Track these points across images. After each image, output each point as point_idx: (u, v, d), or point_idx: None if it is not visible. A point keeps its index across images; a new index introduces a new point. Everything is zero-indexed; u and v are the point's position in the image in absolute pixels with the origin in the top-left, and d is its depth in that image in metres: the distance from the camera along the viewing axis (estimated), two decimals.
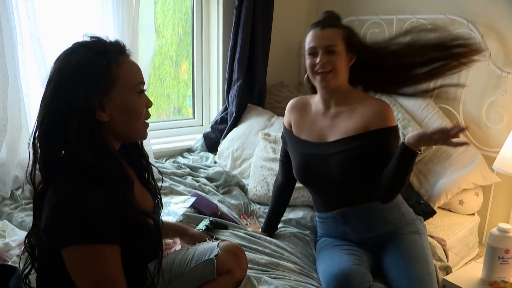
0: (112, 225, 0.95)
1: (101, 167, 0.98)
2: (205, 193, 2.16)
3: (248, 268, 1.45)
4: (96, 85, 0.99)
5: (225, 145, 2.61)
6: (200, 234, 1.55)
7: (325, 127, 1.62)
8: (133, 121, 1.06)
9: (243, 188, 2.28)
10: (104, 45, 1.03)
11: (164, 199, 1.32)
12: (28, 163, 1.03)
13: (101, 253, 0.93)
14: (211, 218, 1.81)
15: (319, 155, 1.60)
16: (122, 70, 1.02)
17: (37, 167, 1.02)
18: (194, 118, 3.00)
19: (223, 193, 2.22)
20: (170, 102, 2.98)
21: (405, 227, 1.59)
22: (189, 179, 2.30)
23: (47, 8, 2.10)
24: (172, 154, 2.74)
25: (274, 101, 2.87)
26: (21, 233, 1.66)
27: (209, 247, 1.36)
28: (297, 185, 1.89)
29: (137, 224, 1.01)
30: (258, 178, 2.20)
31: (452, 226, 2.04)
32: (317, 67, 1.53)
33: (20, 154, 2.07)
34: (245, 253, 1.45)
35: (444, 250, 1.84)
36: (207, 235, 1.69)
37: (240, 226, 1.84)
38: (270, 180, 2.13)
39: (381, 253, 1.58)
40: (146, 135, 1.11)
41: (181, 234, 1.52)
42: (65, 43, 2.30)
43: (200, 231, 1.71)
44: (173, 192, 2.10)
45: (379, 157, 1.50)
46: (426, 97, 1.66)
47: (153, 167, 1.24)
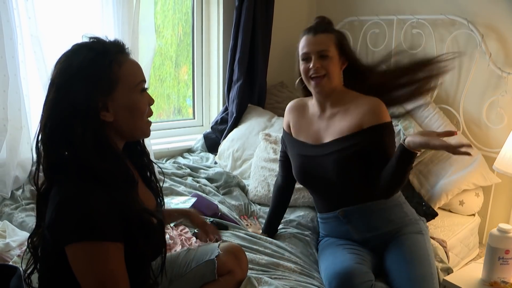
0: (115, 223, 0.95)
1: (106, 168, 0.98)
2: (206, 193, 2.16)
3: (249, 268, 1.45)
4: (99, 86, 0.99)
5: (225, 145, 2.61)
6: (202, 220, 1.53)
7: (321, 129, 1.65)
8: (136, 119, 1.06)
9: (243, 189, 2.28)
10: (104, 45, 1.03)
11: (164, 200, 1.32)
12: (32, 165, 1.03)
13: (104, 250, 0.93)
14: (212, 219, 1.81)
15: (316, 156, 1.62)
16: (123, 70, 1.02)
17: (40, 169, 1.02)
18: (194, 119, 3.00)
19: (224, 194, 2.22)
20: (170, 103, 2.98)
21: (407, 227, 1.59)
22: (190, 180, 2.30)
23: (47, 9, 2.10)
24: (172, 155, 2.74)
25: (275, 101, 2.86)
26: (22, 234, 1.66)
27: (209, 248, 1.36)
28: (297, 186, 1.89)
29: (142, 223, 1.01)
30: (259, 178, 2.20)
31: (453, 226, 2.04)
32: (311, 72, 1.56)
33: (20, 154, 2.06)
34: (246, 253, 1.46)
35: (445, 252, 1.84)
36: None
37: (240, 227, 1.84)
38: (270, 180, 2.13)
39: (384, 253, 1.59)
40: (149, 132, 1.11)
41: (184, 216, 1.52)
42: (65, 44, 2.29)
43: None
44: (173, 193, 2.10)
45: (375, 154, 1.51)
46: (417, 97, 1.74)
47: (154, 165, 1.24)
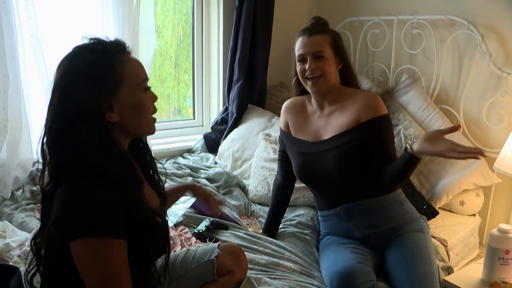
0: (120, 220, 0.95)
1: (112, 169, 0.98)
2: None
3: (249, 268, 1.45)
4: (103, 88, 0.99)
5: (225, 145, 2.61)
6: (205, 192, 1.51)
7: (320, 126, 1.66)
8: (141, 117, 1.07)
9: (243, 189, 2.28)
10: (105, 45, 1.03)
11: None
12: (32, 165, 1.03)
13: (108, 247, 0.93)
14: (212, 219, 1.81)
15: (316, 153, 1.63)
16: (126, 69, 1.02)
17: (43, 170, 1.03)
18: (194, 119, 3.00)
19: (224, 194, 2.22)
20: (171, 103, 2.98)
21: (408, 225, 1.60)
22: (190, 180, 2.30)
23: (47, 9, 2.10)
24: (172, 155, 2.74)
25: (275, 101, 2.86)
26: (22, 234, 1.66)
27: (209, 248, 1.36)
28: (297, 185, 1.90)
29: (147, 222, 1.02)
30: (259, 178, 2.20)
31: (453, 226, 2.04)
32: (307, 73, 1.59)
33: (21, 154, 2.06)
34: (246, 253, 1.46)
35: (446, 251, 1.85)
36: (208, 235, 1.69)
37: (240, 227, 1.84)
38: (270, 180, 2.12)
39: (385, 251, 1.59)
40: (155, 129, 1.12)
41: (188, 190, 1.52)
42: (65, 44, 2.29)
43: (200, 231, 1.72)
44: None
45: (375, 147, 1.54)
46: None
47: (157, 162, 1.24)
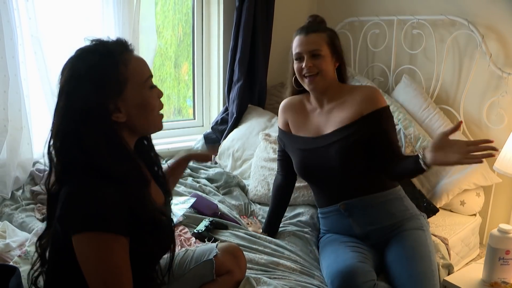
0: (122, 218, 0.95)
1: (119, 170, 0.99)
2: (206, 193, 2.16)
3: (248, 268, 1.45)
4: (108, 89, 0.99)
5: (225, 145, 2.61)
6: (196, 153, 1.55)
7: (321, 122, 1.67)
8: (149, 115, 1.07)
9: (243, 189, 2.28)
10: (107, 46, 1.03)
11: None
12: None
13: (108, 242, 0.94)
14: (211, 219, 1.81)
15: (318, 148, 1.63)
16: (130, 69, 1.02)
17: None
18: (194, 119, 3.00)
19: (224, 194, 2.22)
20: (171, 103, 2.97)
21: (408, 222, 1.60)
22: (190, 180, 2.30)
23: (47, 9, 2.10)
24: (172, 155, 2.72)
25: (275, 101, 2.86)
26: (22, 234, 1.66)
27: (208, 248, 1.36)
28: (297, 184, 1.90)
29: (153, 222, 1.03)
30: (259, 178, 2.20)
31: (454, 226, 2.04)
32: (304, 71, 1.60)
33: (21, 155, 2.07)
34: (245, 253, 1.46)
35: (447, 249, 1.85)
36: (207, 235, 1.69)
37: (240, 226, 1.84)
38: (270, 180, 2.12)
39: (385, 249, 1.59)
40: (162, 125, 1.12)
41: (186, 161, 1.56)
42: (65, 44, 2.29)
43: (200, 231, 1.71)
44: (173, 193, 2.10)
45: (377, 140, 1.55)
46: None
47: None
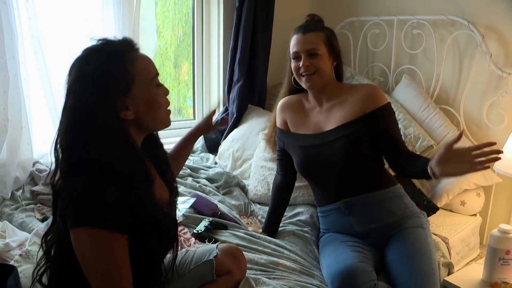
0: (121, 216, 0.96)
1: (125, 169, 0.99)
2: (206, 193, 2.16)
3: (248, 268, 1.45)
4: (116, 88, 1.00)
5: (225, 145, 2.61)
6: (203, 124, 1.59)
7: (321, 120, 1.67)
8: (156, 111, 1.09)
9: (243, 189, 2.28)
10: (114, 46, 1.04)
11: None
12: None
13: (105, 238, 0.94)
14: (211, 219, 1.81)
15: (321, 144, 1.63)
16: (137, 67, 1.04)
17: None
18: (194, 119, 3.00)
19: (224, 194, 2.22)
20: (171, 103, 2.97)
21: (409, 220, 1.59)
22: (190, 180, 2.30)
23: (47, 9, 2.10)
24: None
25: (275, 102, 2.86)
26: (21, 234, 1.66)
27: (208, 249, 1.37)
28: (296, 183, 1.89)
29: (154, 222, 1.03)
30: (259, 178, 2.20)
31: (454, 225, 2.04)
32: (301, 70, 1.61)
33: (21, 155, 2.06)
34: (245, 253, 1.46)
35: (448, 248, 1.85)
36: (207, 236, 1.69)
37: (240, 226, 1.84)
38: (270, 180, 2.12)
39: (385, 248, 1.59)
40: (170, 122, 1.13)
41: (194, 137, 1.60)
42: (65, 44, 2.28)
43: (200, 232, 1.71)
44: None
45: (382, 137, 1.57)
46: None
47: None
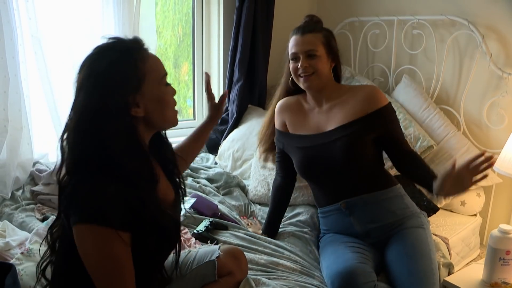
0: (122, 214, 0.96)
1: (133, 168, 1.00)
2: (206, 194, 2.15)
3: (248, 268, 1.45)
4: (128, 85, 1.02)
5: (225, 146, 2.61)
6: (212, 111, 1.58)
7: (321, 120, 1.67)
8: (165, 110, 1.10)
9: (243, 189, 2.28)
10: (125, 44, 1.06)
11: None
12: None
13: (106, 236, 0.95)
14: (211, 219, 1.81)
15: (321, 144, 1.63)
16: (147, 66, 1.05)
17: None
18: (194, 119, 3.00)
19: (224, 194, 2.22)
20: None
21: (409, 220, 1.60)
22: (190, 180, 2.29)
23: (47, 9, 2.10)
24: None
25: None
26: (22, 233, 1.66)
27: (210, 250, 1.37)
28: (297, 184, 1.89)
29: (156, 223, 1.03)
30: (259, 178, 2.20)
31: (454, 226, 2.04)
32: (300, 71, 1.61)
33: (21, 155, 2.06)
34: (245, 253, 1.46)
35: (448, 248, 1.85)
36: (207, 236, 1.69)
37: (240, 227, 1.84)
38: (270, 180, 2.12)
39: (385, 248, 1.59)
40: (177, 121, 1.15)
41: (204, 130, 1.62)
42: (65, 44, 2.28)
43: (200, 232, 1.71)
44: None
45: (385, 138, 1.59)
46: None
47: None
